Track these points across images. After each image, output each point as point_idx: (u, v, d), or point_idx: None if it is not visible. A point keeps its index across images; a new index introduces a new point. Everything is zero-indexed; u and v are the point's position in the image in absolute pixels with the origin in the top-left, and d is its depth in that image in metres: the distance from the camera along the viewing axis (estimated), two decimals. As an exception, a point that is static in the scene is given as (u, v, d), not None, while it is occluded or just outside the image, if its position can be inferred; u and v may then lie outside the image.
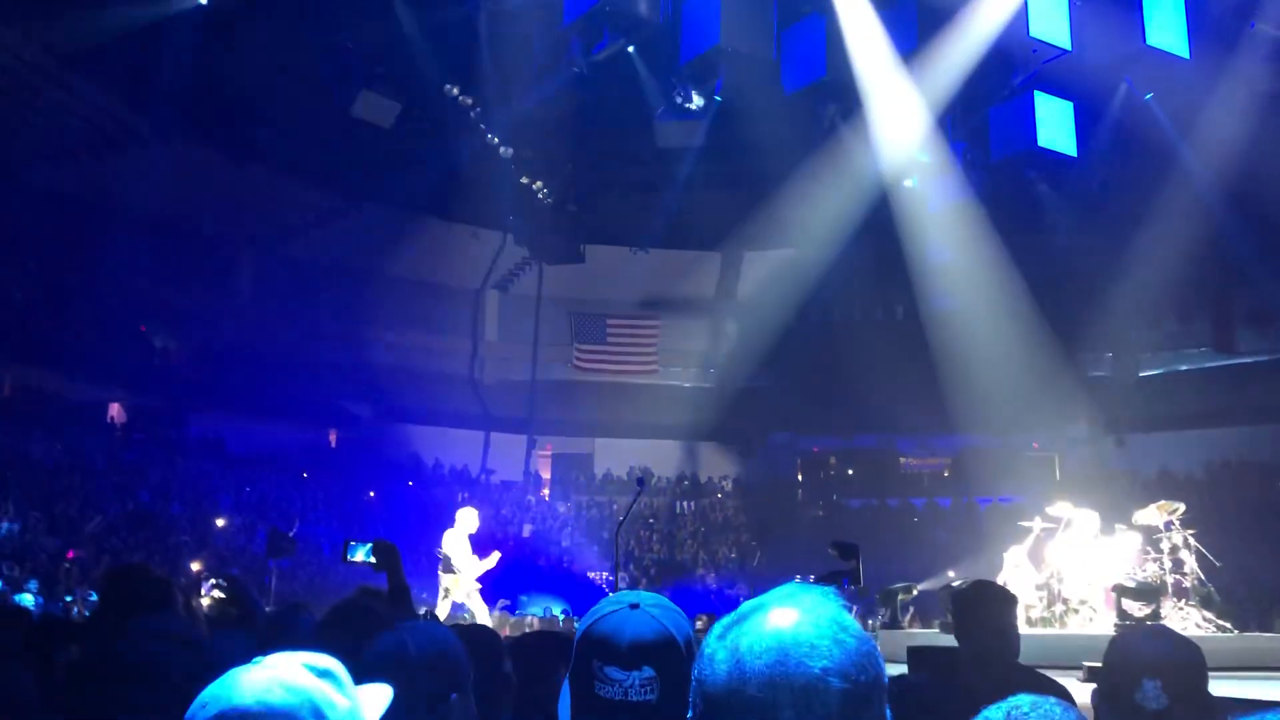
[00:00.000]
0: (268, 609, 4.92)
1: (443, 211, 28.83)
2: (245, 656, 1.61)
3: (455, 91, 22.61)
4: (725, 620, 1.38)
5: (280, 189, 26.99)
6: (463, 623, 11.39)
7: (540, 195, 27.29)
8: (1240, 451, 26.66)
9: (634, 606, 1.88)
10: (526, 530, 29.39)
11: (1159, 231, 24.56)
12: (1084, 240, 26.52)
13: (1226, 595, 15.09)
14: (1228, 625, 12.50)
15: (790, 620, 1.32)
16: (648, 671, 1.80)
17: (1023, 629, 4.35)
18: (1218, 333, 27.31)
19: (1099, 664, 6.06)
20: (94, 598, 12.22)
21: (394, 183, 26.49)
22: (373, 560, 4.31)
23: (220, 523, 23.19)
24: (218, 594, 4.41)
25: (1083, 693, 4.92)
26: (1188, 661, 2.32)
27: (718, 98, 20.91)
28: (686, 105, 20.30)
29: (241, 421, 27.33)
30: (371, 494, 29.11)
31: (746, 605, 1.38)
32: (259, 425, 27.64)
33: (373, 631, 4.15)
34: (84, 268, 24.92)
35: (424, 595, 13.96)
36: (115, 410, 26.09)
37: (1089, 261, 26.35)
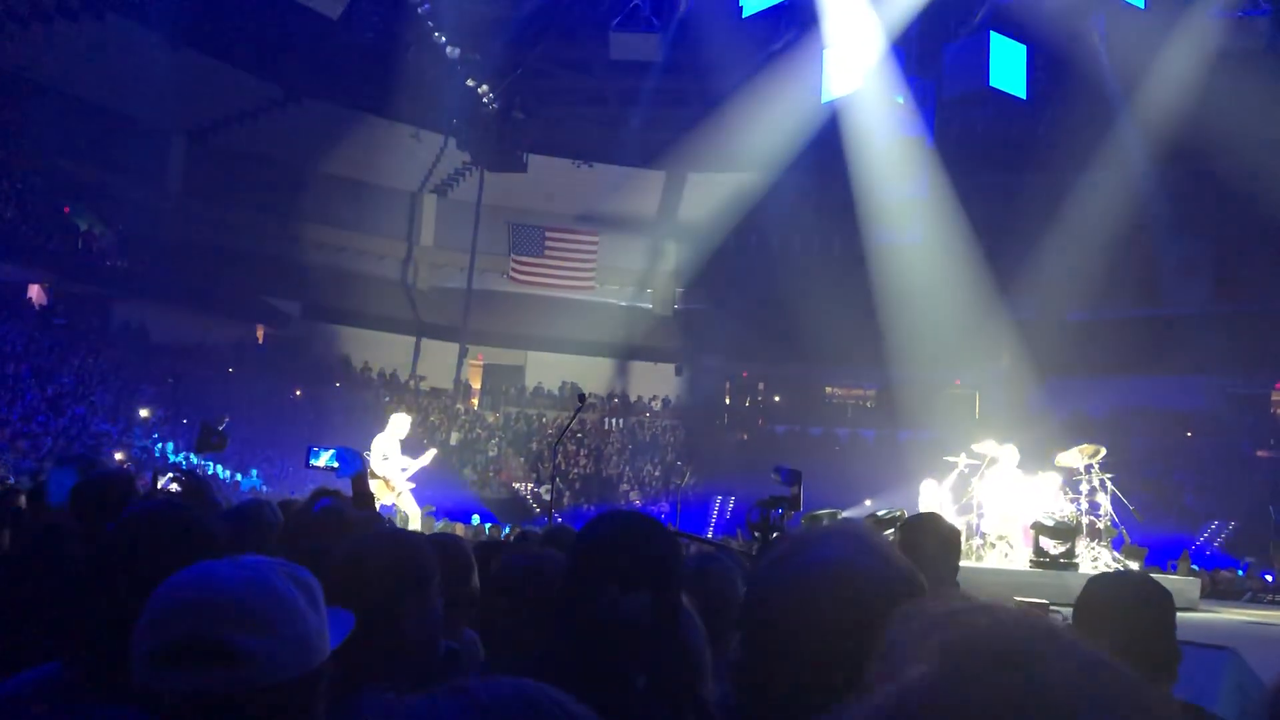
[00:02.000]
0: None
1: (384, 110, 28.08)
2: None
3: (403, -15, 21.95)
4: (779, 550, 1.39)
5: (217, 76, 26.03)
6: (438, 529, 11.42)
7: (486, 100, 26.76)
8: (1154, 399, 27.57)
9: (626, 531, 1.89)
10: (454, 438, 29.36)
11: (1097, 180, 24.98)
12: (1024, 183, 26.88)
13: (1144, 536, 15.69)
14: (1135, 566, 13.02)
15: (845, 550, 1.35)
16: (644, 595, 1.82)
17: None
18: (1144, 284, 28.00)
19: (1028, 599, 6.29)
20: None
21: (336, 77, 25.72)
22: (335, 465, 4.27)
23: (143, 414, 22.76)
24: (176, 488, 4.32)
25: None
26: (1158, 606, 2.40)
27: (680, 14, 20.53)
28: (646, 18, 19.91)
29: (166, 312, 26.71)
30: (298, 393, 28.80)
31: (799, 535, 1.40)
32: (184, 317, 27.06)
33: (340, 532, 4.14)
34: (3, 142, 23.89)
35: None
36: (35, 292, 25.28)
37: (1027, 204, 26.74)
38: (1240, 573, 19.44)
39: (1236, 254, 27.98)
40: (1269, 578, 18.22)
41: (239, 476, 22.24)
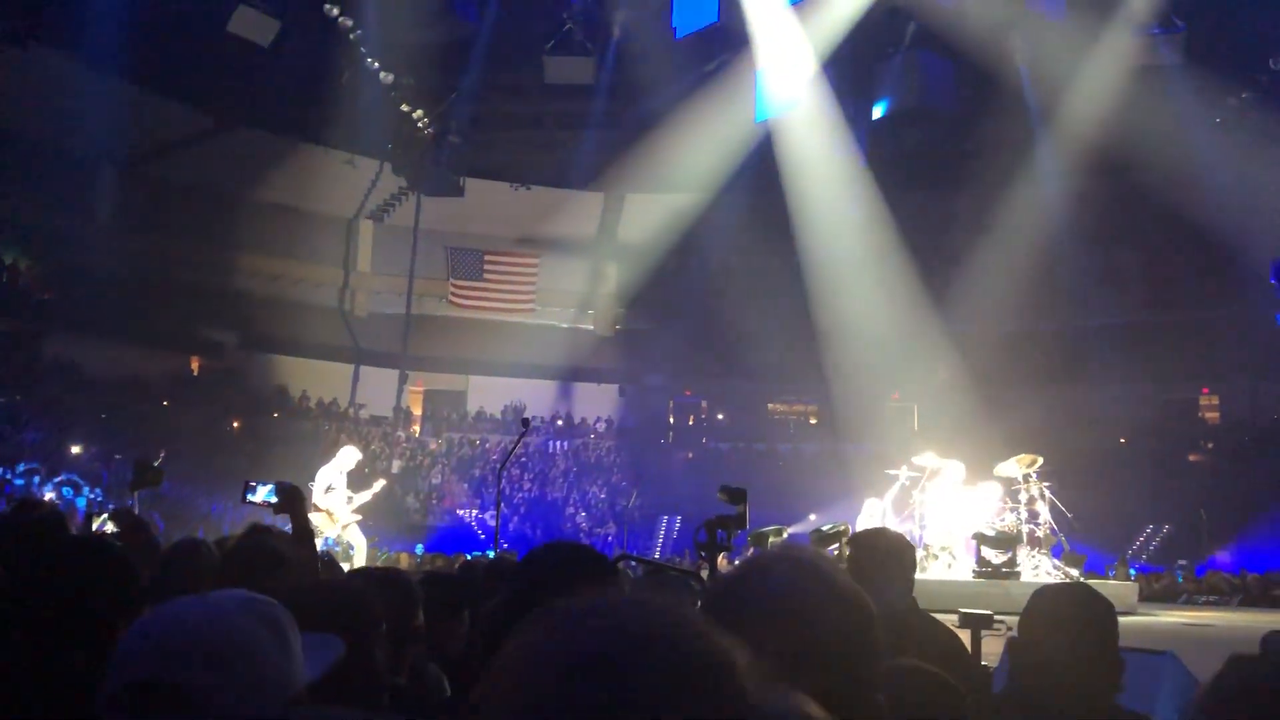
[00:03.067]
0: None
1: (317, 137, 27.80)
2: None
3: (336, 12, 21.80)
4: (732, 576, 1.41)
5: (147, 105, 25.59)
6: (380, 566, 11.27)
7: (420, 125, 26.66)
8: (1088, 408, 28.14)
9: (576, 554, 1.88)
10: (396, 466, 29.05)
11: (1026, 194, 25.53)
12: (956, 199, 27.37)
13: (1082, 543, 15.96)
14: (1075, 573, 13.27)
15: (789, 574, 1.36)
16: None
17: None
18: (1074, 295, 28.62)
19: (974, 610, 6.35)
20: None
21: (268, 105, 25.45)
22: (274, 501, 4.20)
23: (76, 450, 22.23)
24: (113, 526, 4.23)
25: (961, 637, 5.17)
26: (1100, 619, 2.44)
27: (614, 38, 20.66)
28: (580, 42, 20.01)
29: (99, 346, 26.14)
30: (236, 424, 28.33)
31: (745, 564, 1.41)
32: (118, 350, 26.51)
33: (275, 571, 4.07)
34: (-77, 176, 23.29)
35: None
36: (-40, 330, 24.62)
37: (960, 220, 27.23)
38: (1178, 577, 19.88)
39: (1162, 263, 28.74)
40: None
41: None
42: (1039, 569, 12.77)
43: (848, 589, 1.37)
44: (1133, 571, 19.47)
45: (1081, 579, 13.26)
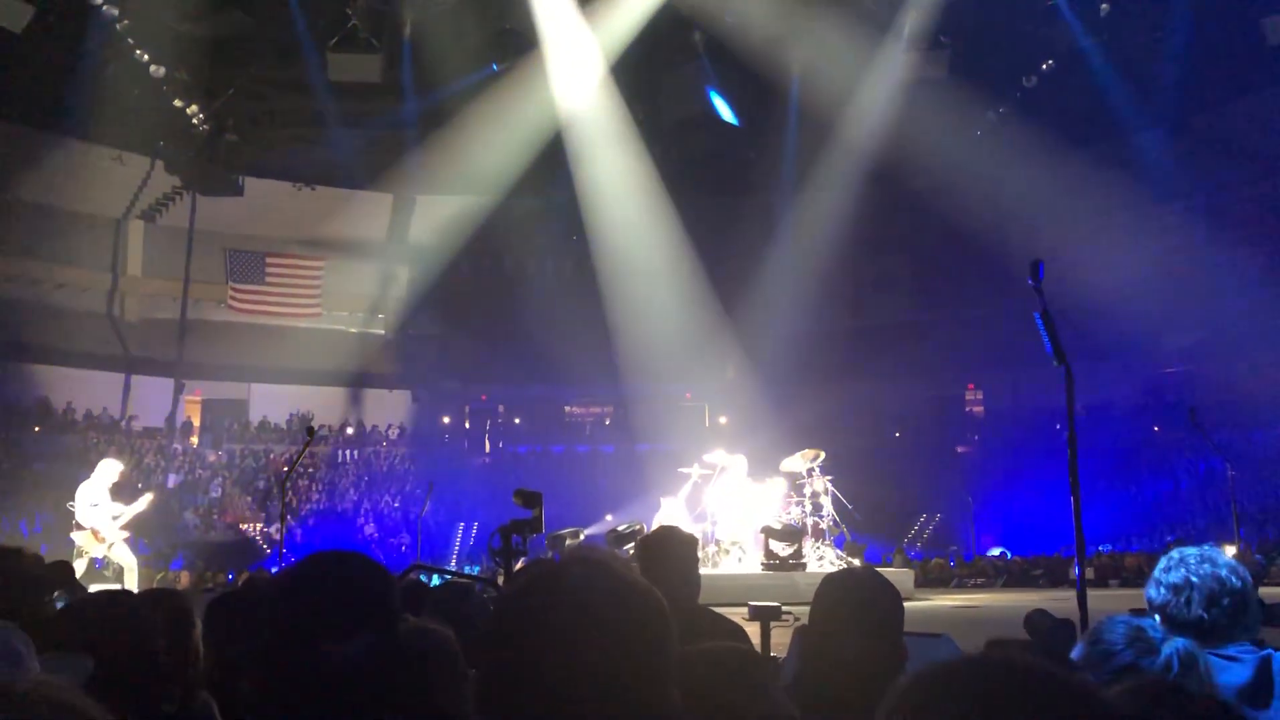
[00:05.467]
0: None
1: (82, 132, 25.91)
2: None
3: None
4: (520, 583, 1.37)
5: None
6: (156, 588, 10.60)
7: (196, 121, 25.32)
8: (866, 404, 29.60)
9: (343, 573, 1.78)
10: (172, 480, 27.49)
11: (808, 200, 26.62)
12: (743, 205, 28.25)
13: (862, 533, 16.75)
14: (856, 561, 13.89)
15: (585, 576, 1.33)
16: (367, 637, 1.70)
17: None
18: (851, 297, 30.08)
19: (762, 603, 6.53)
20: None
21: (23, 97, 23.57)
22: None
23: None
24: None
25: (750, 630, 5.32)
26: (886, 604, 2.52)
27: (406, 39, 20.21)
28: (365, 39, 19.48)
29: None
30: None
31: (538, 566, 1.38)
32: None
33: (32, 594, 3.77)
34: None
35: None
36: None
37: (746, 225, 28.13)
38: (950, 563, 21.14)
39: (930, 267, 30.55)
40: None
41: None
42: (823, 559, 13.31)
43: (639, 588, 1.36)
44: (909, 557, 20.56)
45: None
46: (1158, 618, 2.44)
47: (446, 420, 33.77)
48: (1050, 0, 21.42)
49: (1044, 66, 23.45)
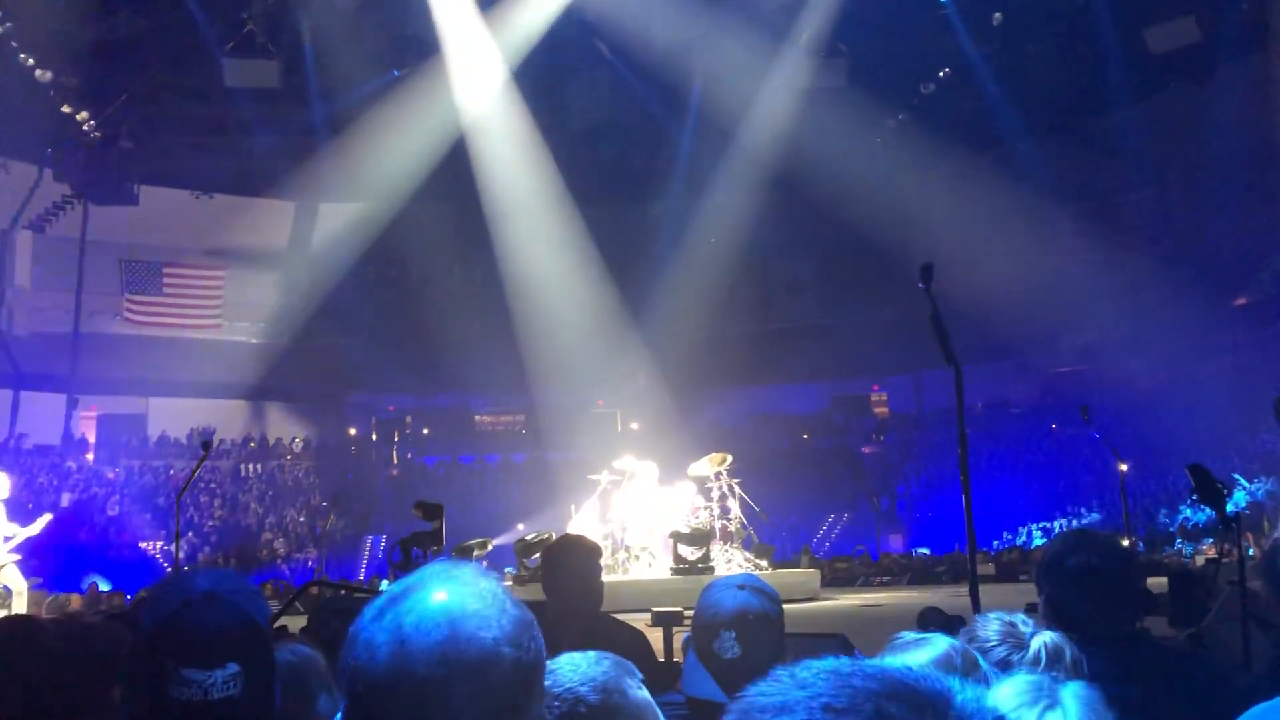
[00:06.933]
0: None
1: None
2: None
3: (-23, 1, 19.66)
4: (378, 603, 1.31)
5: None
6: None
7: (86, 128, 24.52)
8: (774, 406, 29.95)
9: (209, 597, 1.68)
10: (65, 499, 26.53)
11: (714, 206, 26.84)
12: (650, 210, 28.36)
13: (771, 534, 16.91)
14: (764, 563, 14.02)
15: (453, 594, 1.27)
16: (231, 667, 1.63)
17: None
18: (757, 301, 30.42)
19: (665, 608, 6.54)
20: None
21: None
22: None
23: None
24: None
25: (653, 636, 5.32)
26: (761, 613, 2.53)
27: (307, 45, 19.85)
28: (262, 44, 19.08)
29: None
30: None
31: (398, 586, 1.32)
32: None
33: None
34: None
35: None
36: None
37: (654, 231, 28.25)
38: (855, 558, 21.47)
39: (835, 271, 31.03)
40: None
41: None
42: (731, 562, 13.40)
43: (506, 604, 1.32)
44: (816, 557, 20.82)
45: (770, 568, 14.04)
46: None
47: (353, 432, 33.21)
48: (943, 10, 21.95)
49: (940, 74, 24.02)
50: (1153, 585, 8.73)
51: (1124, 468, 12.83)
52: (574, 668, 1.72)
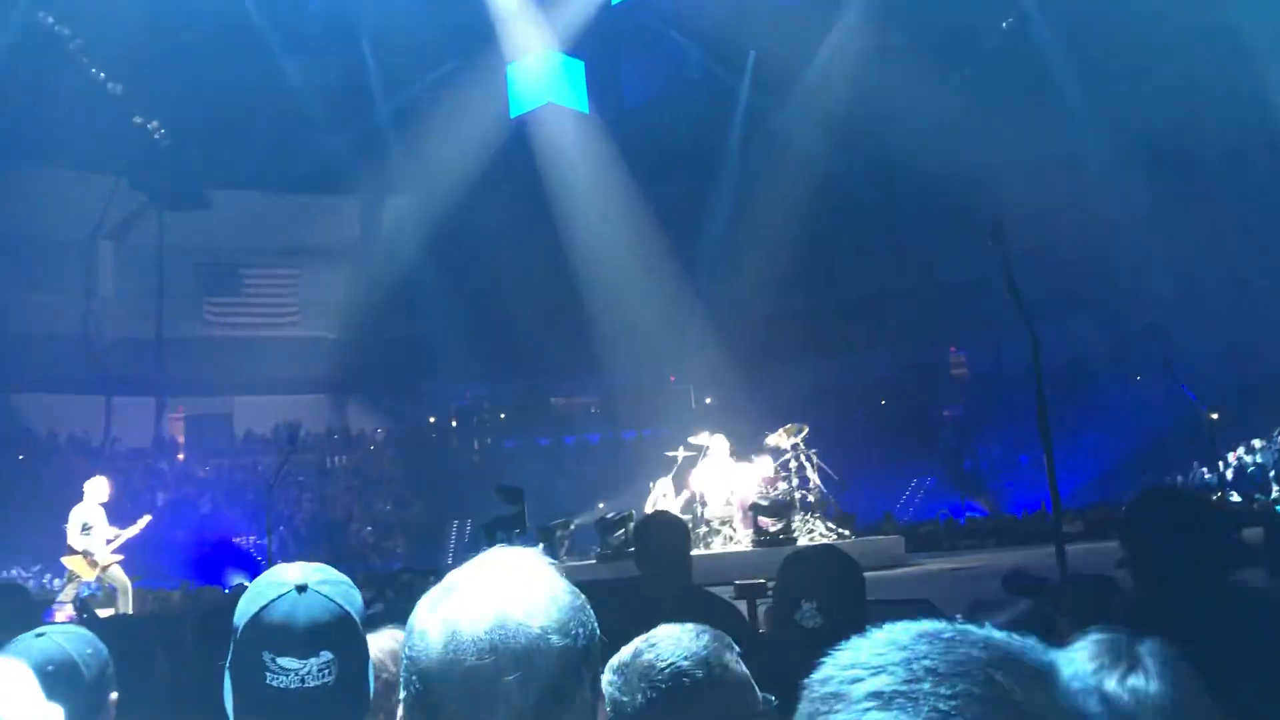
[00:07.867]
0: None
1: (40, 155, 25.66)
2: None
3: (50, 20, 20.20)
4: (432, 593, 1.34)
5: None
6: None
7: (157, 135, 25.13)
8: (847, 375, 29.63)
9: (301, 589, 1.77)
10: (161, 499, 27.36)
11: (776, 174, 26.56)
12: (712, 184, 28.19)
13: (851, 503, 16.78)
14: (846, 532, 13.94)
15: (504, 584, 1.31)
16: (325, 655, 1.72)
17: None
18: (825, 269, 30.04)
19: (748, 580, 6.55)
20: None
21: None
22: None
23: None
24: None
25: (740, 608, 5.33)
26: (842, 582, 2.53)
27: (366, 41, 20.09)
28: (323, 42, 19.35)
29: None
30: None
31: (452, 575, 1.36)
32: None
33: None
34: None
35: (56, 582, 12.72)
36: None
37: (716, 205, 28.09)
38: (939, 522, 21.22)
39: (906, 232, 30.52)
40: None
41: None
42: (814, 532, 13.35)
43: (557, 590, 1.34)
44: (899, 523, 20.62)
45: (853, 537, 13.96)
46: None
47: (432, 420, 33.67)
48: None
49: (1004, 24, 23.47)
50: (1249, 536, 8.50)
51: (1215, 416, 12.50)
52: (675, 641, 1.74)
